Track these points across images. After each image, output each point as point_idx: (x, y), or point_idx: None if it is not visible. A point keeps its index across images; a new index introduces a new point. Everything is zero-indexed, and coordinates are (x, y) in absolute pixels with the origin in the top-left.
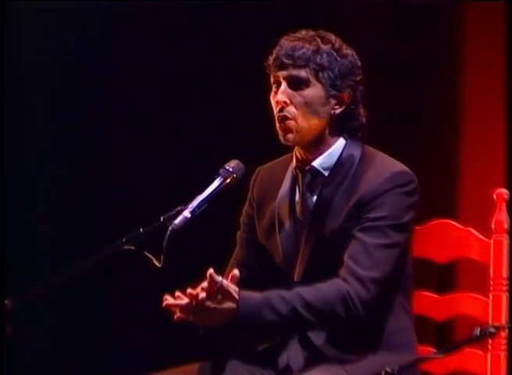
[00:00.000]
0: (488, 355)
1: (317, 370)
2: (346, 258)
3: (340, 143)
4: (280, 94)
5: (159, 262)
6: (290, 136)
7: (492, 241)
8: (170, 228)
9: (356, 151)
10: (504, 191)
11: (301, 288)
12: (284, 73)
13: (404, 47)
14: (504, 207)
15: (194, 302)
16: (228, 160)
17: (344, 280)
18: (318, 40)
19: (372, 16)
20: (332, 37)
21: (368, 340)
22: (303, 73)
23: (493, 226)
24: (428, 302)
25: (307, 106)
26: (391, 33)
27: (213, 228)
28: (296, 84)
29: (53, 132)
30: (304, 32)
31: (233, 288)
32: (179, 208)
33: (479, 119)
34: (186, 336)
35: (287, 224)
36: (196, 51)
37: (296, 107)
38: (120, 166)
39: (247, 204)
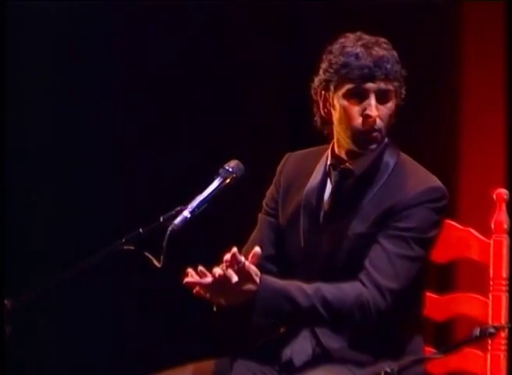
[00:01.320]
0: (488, 356)
1: (322, 370)
2: (367, 263)
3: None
4: (373, 109)
5: (159, 263)
6: (374, 146)
7: (491, 241)
8: (170, 228)
9: (391, 157)
10: (504, 191)
11: (322, 284)
12: (373, 85)
13: (403, 46)
14: (504, 207)
15: (216, 281)
16: (229, 159)
17: (364, 285)
18: (390, 47)
19: (370, 16)
20: (386, 41)
21: (377, 344)
22: (391, 87)
23: (493, 226)
24: (428, 302)
25: (390, 118)
26: (388, 31)
27: (215, 227)
28: (383, 97)
29: (52, 132)
30: (357, 37)
31: (254, 270)
32: (179, 208)
33: (479, 119)
34: (186, 335)
35: (313, 218)
36: (197, 50)
37: (382, 119)
38: (122, 165)
39: (272, 187)
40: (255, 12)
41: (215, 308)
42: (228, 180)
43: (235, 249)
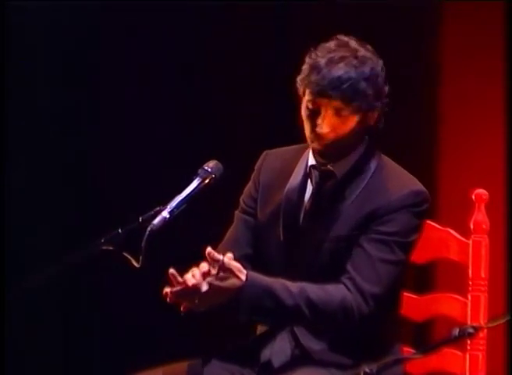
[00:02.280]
0: (467, 356)
1: (302, 371)
2: (350, 266)
3: (359, 150)
4: (323, 127)
5: (138, 263)
6: (328, 156)
7: (470, 242)
8: (149, 229)
9: (373, 160)
10: (483, 192)
11: (307, 285)
12: (326, 101)
13: (384, 48)
14: (483, 208)
15: (188, 289)
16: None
17: (348, 289)
18: (357, 62)
19: (354, 18)
20: (366, 54)
21: (356, 345)
22: (349, 107)
23: (472, 226)
24: (407, 303)
25: (348, 133)
26: (373, 33)
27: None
28: (339, 116)
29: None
30: (335, 48)
31: (237, 266)
32: (158, 208)
33: (458, 120)
34: (164, 336)
35: (293, 219)
36: (185, 51)
37: (337, 134)
38: (119, 163)
39: (251, 185)
40: (244, 13)
41: (182, 313)
42: (207, 181)
43: (209, 248)
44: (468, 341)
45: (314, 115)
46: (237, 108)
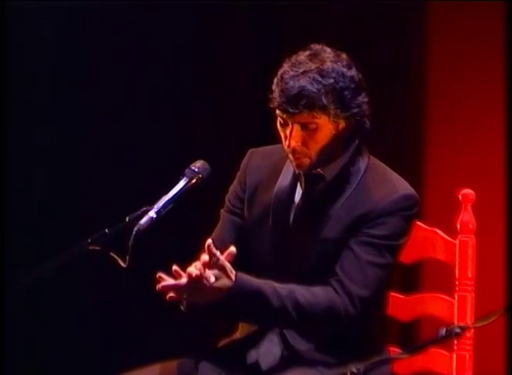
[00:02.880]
0: (454, 356)
1: (291, 373)
2: (339, 269)
3: (348, 153)
4: (291, 140)
5: (125, 263)
6: (305, 168)
7: (457, 242)
8: (136, 228)
9: (362, 161)
10: (470, 192)
11: (296, 287)
12: (290, 117)
13: (370, 48)
14: (470, 207)
15: (192, 282)
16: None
17: (336, 292)
18: (319, 77)
19: (339, 18)
20: (332, 66)
21: (343, 345)
22: (311, 119)
23: (459, 226)
24: (394, 303)
25: (319, 144)
26: (358, 34)
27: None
28: (306, 129)
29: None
30: (303, 60)
31: (229, 267)
32: (145, 208)
33: (445, 120)
34: (150, 335)
35: (282, 220)
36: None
37: (308, 147)
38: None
39: (236, 184)
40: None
41: (183, 308)
42: (194, 181)
43: (210, 241)
44: (455, 341)
45: (284, 128)
46: (223, 107)
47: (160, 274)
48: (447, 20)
